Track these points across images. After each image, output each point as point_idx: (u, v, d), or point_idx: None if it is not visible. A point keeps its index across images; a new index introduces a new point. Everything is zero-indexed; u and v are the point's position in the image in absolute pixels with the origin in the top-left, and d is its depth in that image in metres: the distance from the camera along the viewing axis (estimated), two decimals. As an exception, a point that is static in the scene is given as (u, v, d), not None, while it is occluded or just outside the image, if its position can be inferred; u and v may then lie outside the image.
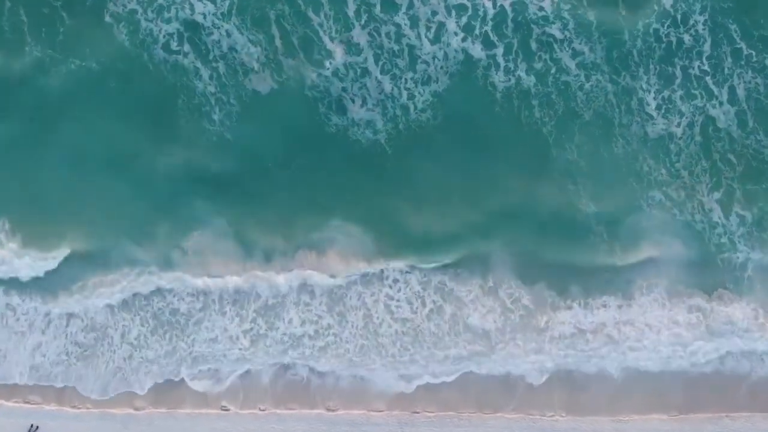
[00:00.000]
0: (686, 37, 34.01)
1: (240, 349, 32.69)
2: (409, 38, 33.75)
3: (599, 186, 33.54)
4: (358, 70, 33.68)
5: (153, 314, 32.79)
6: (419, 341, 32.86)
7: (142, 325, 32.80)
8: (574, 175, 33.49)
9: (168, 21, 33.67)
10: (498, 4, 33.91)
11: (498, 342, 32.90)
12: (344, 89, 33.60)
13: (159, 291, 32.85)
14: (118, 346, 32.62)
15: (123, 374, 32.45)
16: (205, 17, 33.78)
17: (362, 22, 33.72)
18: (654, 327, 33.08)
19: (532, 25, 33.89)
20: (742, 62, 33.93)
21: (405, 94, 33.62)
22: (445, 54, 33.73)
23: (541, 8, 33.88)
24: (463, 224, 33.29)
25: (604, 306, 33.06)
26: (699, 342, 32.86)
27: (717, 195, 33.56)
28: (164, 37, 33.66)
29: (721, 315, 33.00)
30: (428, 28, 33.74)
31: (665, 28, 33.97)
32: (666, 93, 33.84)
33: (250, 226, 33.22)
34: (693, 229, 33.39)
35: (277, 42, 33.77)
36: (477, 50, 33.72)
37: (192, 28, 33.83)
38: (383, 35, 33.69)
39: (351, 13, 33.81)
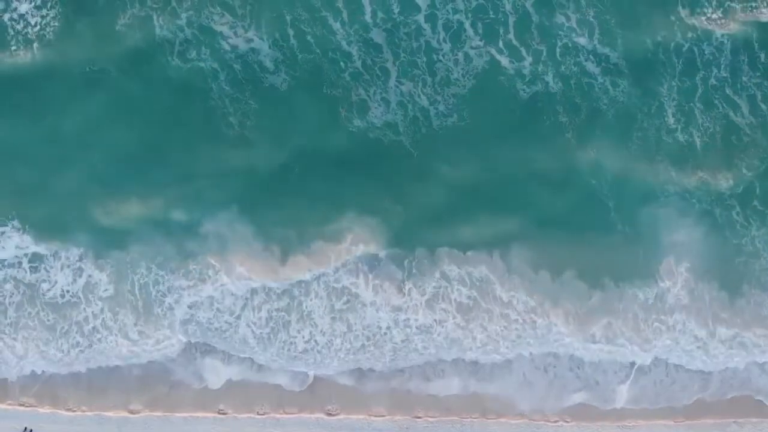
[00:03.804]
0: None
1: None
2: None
3: (621, 181, 33.45)
4: (378, 72, 33.54)
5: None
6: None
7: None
8: (596, 171, 33.42)
9: (181, 29, 33.47)
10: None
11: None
12: (365, 90, 33.44)
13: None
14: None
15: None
16: (224, 25, 33.64)
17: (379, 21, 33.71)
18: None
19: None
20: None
21: (425, 98, 33.51)
22: (467, 56, 33.65)
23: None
24: (488, 224, 33.15)
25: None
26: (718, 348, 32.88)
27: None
28: (180, 44, 33.46)
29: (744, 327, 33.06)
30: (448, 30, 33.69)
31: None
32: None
33: (270, 221, 32.86)
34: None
35: (293, 41, 33.46)
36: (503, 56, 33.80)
37: (209, 33, 33.59)
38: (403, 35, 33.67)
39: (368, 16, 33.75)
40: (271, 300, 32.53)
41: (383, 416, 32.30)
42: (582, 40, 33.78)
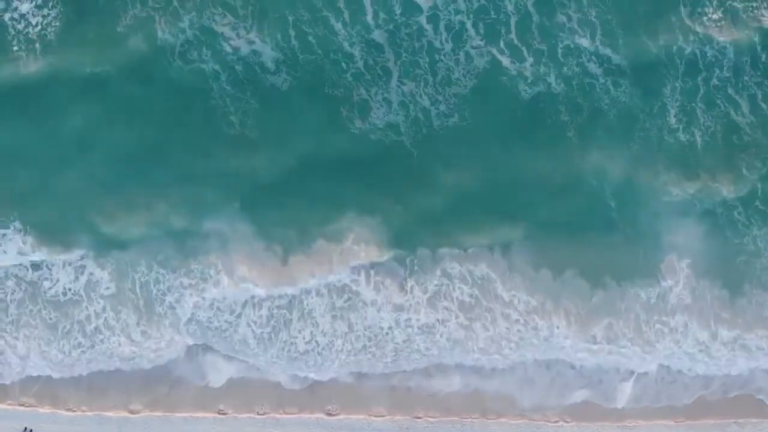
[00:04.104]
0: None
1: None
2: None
3: (622, 180, 33.49)
4: (380, 72, 33.53)
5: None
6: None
7: None
8: (598, 170, 33.45)
9: (183, 31, 33.47)
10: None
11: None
12: (367, 90, 33.43)
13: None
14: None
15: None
16: (226, 26, 33.63)
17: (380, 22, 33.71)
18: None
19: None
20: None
21: (427, 98, 33.51)
22: (468, 55, 33.67)
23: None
24: (488, 224, 33.24)
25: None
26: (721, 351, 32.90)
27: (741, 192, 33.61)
28: (182, 46, 33.43)
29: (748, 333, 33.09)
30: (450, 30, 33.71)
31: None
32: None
33: (271, 221, 32.87)
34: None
35: (294, 42, 33.46)
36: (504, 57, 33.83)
37: (211, 34, 33.58)
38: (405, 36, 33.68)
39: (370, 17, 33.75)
40: (272, 297, 32.53)
41: (383, 416, 32.25)
42: (584, 41, 33.78)
